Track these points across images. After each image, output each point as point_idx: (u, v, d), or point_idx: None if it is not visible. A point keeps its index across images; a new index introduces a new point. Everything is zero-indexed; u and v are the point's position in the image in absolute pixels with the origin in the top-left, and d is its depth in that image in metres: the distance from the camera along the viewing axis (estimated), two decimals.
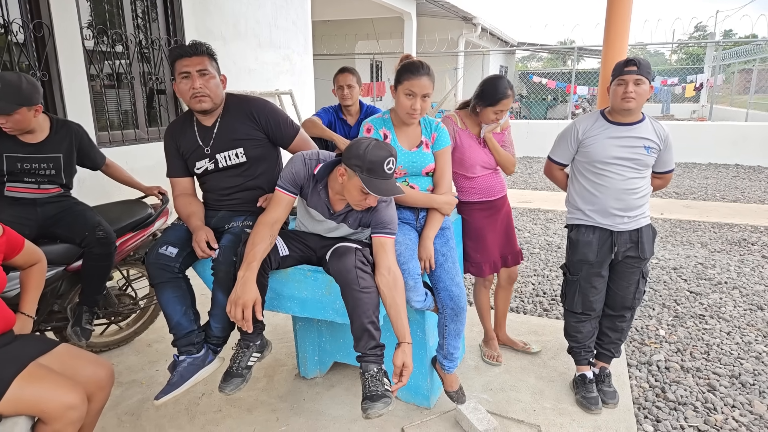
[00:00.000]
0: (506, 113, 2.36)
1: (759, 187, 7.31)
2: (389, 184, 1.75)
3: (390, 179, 1.76)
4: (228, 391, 1.87)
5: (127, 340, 2.87)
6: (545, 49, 17.84)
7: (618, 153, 2.14)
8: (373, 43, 13.82)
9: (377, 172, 1.72)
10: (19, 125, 2.20)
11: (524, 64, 33.92)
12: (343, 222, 1.96)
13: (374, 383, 1.74)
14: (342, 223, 1.96)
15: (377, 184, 1.72)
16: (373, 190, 1.71)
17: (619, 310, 2.33)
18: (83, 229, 2.31)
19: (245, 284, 1.76)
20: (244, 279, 1.76)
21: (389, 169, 1.73)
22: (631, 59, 2.08)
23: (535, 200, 6.78)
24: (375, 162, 1.71)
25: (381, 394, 1.72)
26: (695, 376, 2.55)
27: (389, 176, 1.75)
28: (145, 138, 4.27)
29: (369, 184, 1.71)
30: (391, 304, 1.79)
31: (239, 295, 1.75)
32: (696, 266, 4.13)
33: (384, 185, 1.73)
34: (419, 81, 1.94)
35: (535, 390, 2.40)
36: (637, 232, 2.21)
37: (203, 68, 1.96)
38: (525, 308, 3.39)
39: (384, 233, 1.86)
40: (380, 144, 1.76)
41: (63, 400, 1.46)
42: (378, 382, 1.75)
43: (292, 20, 6.14)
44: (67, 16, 3.48)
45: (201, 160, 2.10)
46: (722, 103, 16.05)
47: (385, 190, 1.73)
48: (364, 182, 1.72)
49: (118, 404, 2.33)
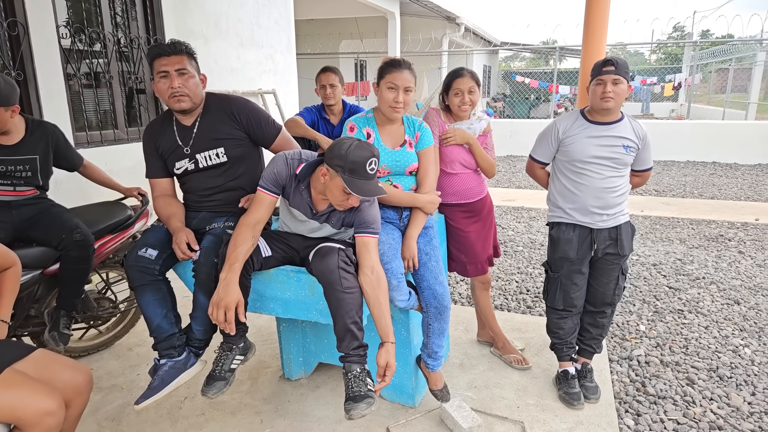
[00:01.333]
0: (473, 98, 2.33)
1: (736, 185, 7.48)
2: (371, 185, 1.74)
3: (372, 180, 1.75)
4: (211, 394, 1.85)
5: (107, 344, 2.82)
6: (528, 48, 18.01)
7: (597, 152, 2.17)
8: (357, 43, 13.80)
9: (359, 173, 1.71)
10: (2, 125, 2.16)
11: (507, 63, 34.19)
12: (326, 222, 1.95)
13: (357, 384, 1.75)
14: (325, 223, 1.96)
15: (359, 184, 1.72)
16: (355, 191, 1.71)
17: (599, 307, 2.36)
18: (60, 232, 2.27)
19: (227, 286, 1.74)
20: (227, 280, 1.75)
21: (371, 170, 1.73)
22: (608, 59, 2.11)
23: (518, 198, 6.84)
24: (357, 162, 1.70)
25: (364, 394, 1.72)
26: (674, 370, 2.60)
27: (371, 177, 1.74)
28: (124, 138, 4.20)
29: (351, 185, 1.71)
30: (374, 303, 1.79)
31: (221, 297, 1.73)
32: (675, 262, 4.21)
33: (366, 186, 1.73)
34: (401, 74, 1.96)
35: (519, 387, 2.42)
36: (616, 230, 2.24)
37: (182, 67, 1.94)
38: (509, 306, 3.42)
39: (367, 233, 1.86)
40: (362, 144, 1.75)
41: (39, 406, 1.43)
42: (361, 383, 1.75)
43: (274, 19, 6.10)
44: (42, 14, 3.41)
45: (180, 160, 2.07)
46: (700, 102, 16.40)
47: (367, 190, 1.73)
48: (346, 182, 1.71)
49: (98, 409, 2.29)
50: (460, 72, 2.36)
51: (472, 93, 2.32)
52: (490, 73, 20.06)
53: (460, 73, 2.35)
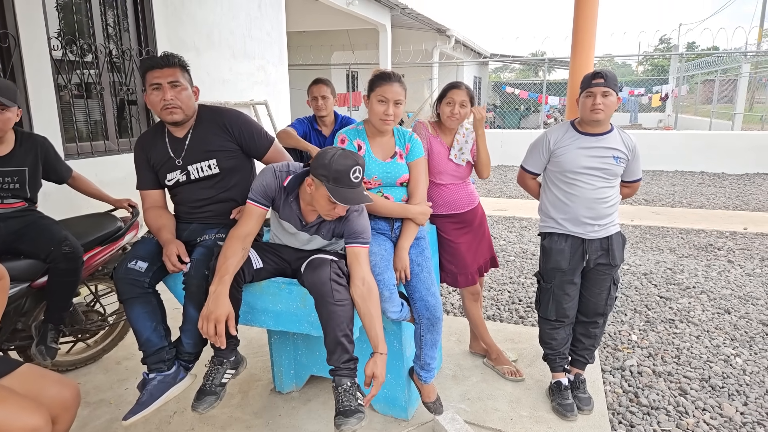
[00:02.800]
0: (462, 112, 2.35)
1: (724, 194, 7.58)
2: (356, 193, 1.74)
3: (357, 188, 1.75)
4: (201, 409, 1.82)
5: (95, 358, 2.78)
6: (517, 60, 18.25)
7: (588, 163, 2.19)
8: (349, 54, 13.90)
9: (343, 181, 1.71)
10: (5, 126, 2.20)
11: (497, 75, 34.56)
12: (317, 234, 1.95)
13: (347, 398, 1.74)
14: (315, 235, 1.95)
15: (344, 193, 1.71)
16: (339, 200, 1.70)
17: (592, 317, 2.36)
18: (48, 244, 2.24)
19: (218, 299, 1.72)
20: (217, 293, 1.73)
21: (356, 178, 1.73)
22: (598, 72, 2.15)
23: (509, 208, 6.87)
24: (340, 171, 1.70)
25: (354, 409, 1.71)
26: (667, 381, 2.60)
27: (356, 185, 1.74)
28: (115, 149, 4.18)
29: (335, 194, 1.71)
30: (365, 314, 1.79)
31: (212, 310, 1.72)
32: (665, 271, 4.25)
33: (351, 194, 1.72)
34: (391, 87, 1.98)
35: (512, 398, 2.41)
36: (607, 240, 2.26)
37: (175, 80, 1.94)
38: (501, 316, 3.42)
39: (357, 243, 1.85)
40: (346, 153, 1.75)
41: (26, 422, 1.40)
42: (351, 397, 1.74)
43: (266, 31, 6.13)
44: (34, 26, 3.40)
45: (172, 171, 2.06)
46: (687, 113, 16.65)
47: (352, 198, 1.72)
48: (330, 192, 1.71)
49: (86, 425, 2.25)
50: (457, 84, 2.40)
51: (463, 106, 2.35)
52: (480, 84, 20.26)
53: (457, 85, 2.38)
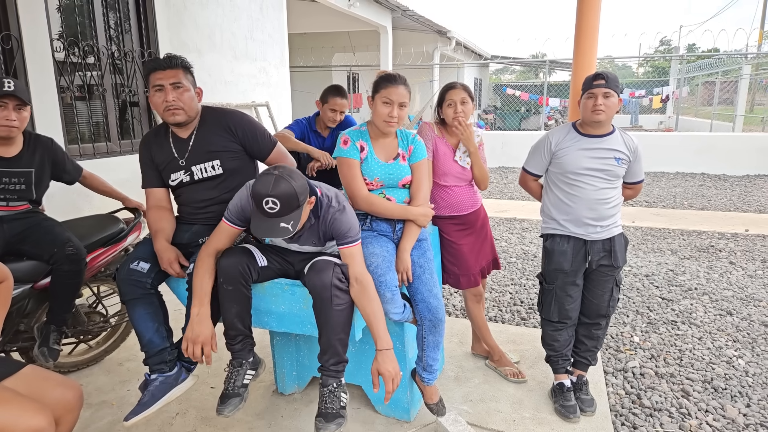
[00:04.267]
0: (465, 109, 2.34)
1: (725, 195, 7.57)
2: (268, 224, 1.63)
3: (270, 220, 1.63)
4: (227, 412, 1.82)
5: (97, 359, 2.78)
6: (518, 62, 18.26)
7: (590, 164, 2.19)
8: (350, 56, 13.92)
9: (258, 208, 1.63)
10: (23, 124, 2.25)
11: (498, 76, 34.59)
12: (306, 244, 1.93)
13: (331, 399, 1.78)
14: (306, 245, 1.93)
15: (256, 222, 1.66)
16: (252, 228, 1.67)
17: (594, 318, 2.36)
18: (52, 246, 2.24)
19: (201, 322, 1.76)
20: (200, 317, 1.76)
21: (270, 209, 1.62)
22: (599, 73, 2.15)
23: (511, 210, 6.87)
24: (255, 198, 1.63)
25: (335, 413, 1.75)
26: (669, 382, 2.60)
27: (270, 215, 1.62)
28: (117, 151, 4.18)
29: (253, 219, 1.67)
30: (362, 311, 1.80)
31: (198, 334, 1.75)
32: (667, 273, 4.24)
33: (262, 224, 1.64)
34: (396, 89, 1.98)
35: (515, 400, 2.41)
36: (609, 241, 2.26)
37: (177, 81, 1.95)
38: (503, 317, 3.41)
39: (346, 243, 1.83)
40: (270, 179, 1.62)
41: (29, 424, 1.40)
42: (335, 399, 1.78)
43: (268, 33, 6.14)
44: (36, 28, 3.41)
45: (176, 172, 2.07)
46: (687, 114, 16.65)
47: (263, 229, 1.64)
48: (252, 215, 1.67)
49: (88, 426, 2.25)
50: (452, 84, 2.41)
51: (464, 104, 2.35)
52: (481, 85, 20.28)
53: (452, 86, 2.40)
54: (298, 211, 1.65)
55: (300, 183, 1.65)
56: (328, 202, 1.84)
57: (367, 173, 2.04)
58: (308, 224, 1.84)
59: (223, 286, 1.81)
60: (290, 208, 1.62)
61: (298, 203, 1.63)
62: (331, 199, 1.85)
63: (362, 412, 2.31)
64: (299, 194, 1.63)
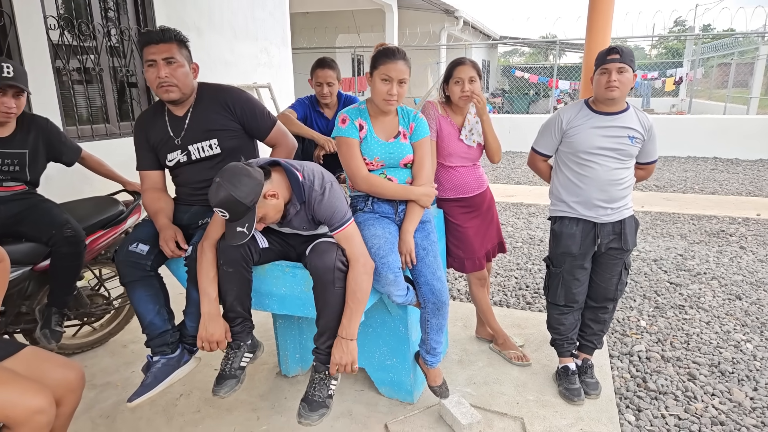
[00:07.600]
0: (473, 87, 2.28)
1: (737, 180, 7.44)
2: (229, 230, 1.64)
3: (229, 225, 1.64)
4: (223, 393, 1.82)
5: (101, 341, 2.79)
6: (527, 43, 17.94)
7: (602, 143, 2.12)
8: (354, 37, 13.71)
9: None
10: (19, 110, 2.23)
11: (506, 59, 34.08)
12: (299, 228, 1.87)
13: (320, 387, 1.80)
14: (298, 229, 1.88)
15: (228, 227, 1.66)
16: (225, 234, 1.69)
17: (601, 302, 2.32)
18: (50, 228, 2.22)
19: (212, 320, 1.78)
20: (210, 314, 1.78)
21: (223, 216, 1.62)
22: (613, 47, 2.06)
23: (517, 195, 6.80)
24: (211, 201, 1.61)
25: (321, 402, 1.77)
26: (675, 366, 2.57)
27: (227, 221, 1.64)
28: (116, 133, 4.14)
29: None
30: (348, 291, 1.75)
31: (211, 333, 1.78)
32: (676, 257, 4.18)
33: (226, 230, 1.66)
34: (395, 65, 1.88)
35: (519, 383, 2.39)
36: (620, 224, 2.20)
37: (170, 56, 1.88)
38: (508, 302, 3.38)
39: (335, 228, 1.78)
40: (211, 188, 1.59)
41: (29, 404, 1.40)
42: (323, 387, 1.80)
43: (269, 11, 6.02)
44: (29, 4, 3.33)
45: (173, 151, 2.02)
46: (701, 97, 16.32)
47: (227, 235, 1.66)
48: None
49: (92, 407, 2.26)
50: (461, 60, 2.32)
51: (472, 82, 2.28)
52: (489, 68, 19.98)
53: (462, 62, 2.31)
54: (250, 213, 1.61)
55: (244, 186, 1.56)
56: (311, 185, 1.76)
57: (367, 153, 1.98)
58: (293, 210, 1.77)
59: (223, 268, 1.78)
60: (238, 213, 1.58)
61: (245, 207, 1.58)
62: (314, 183, 1.76)
63: (365, 394, 2.30)
64: (242, 199, 1.56)
